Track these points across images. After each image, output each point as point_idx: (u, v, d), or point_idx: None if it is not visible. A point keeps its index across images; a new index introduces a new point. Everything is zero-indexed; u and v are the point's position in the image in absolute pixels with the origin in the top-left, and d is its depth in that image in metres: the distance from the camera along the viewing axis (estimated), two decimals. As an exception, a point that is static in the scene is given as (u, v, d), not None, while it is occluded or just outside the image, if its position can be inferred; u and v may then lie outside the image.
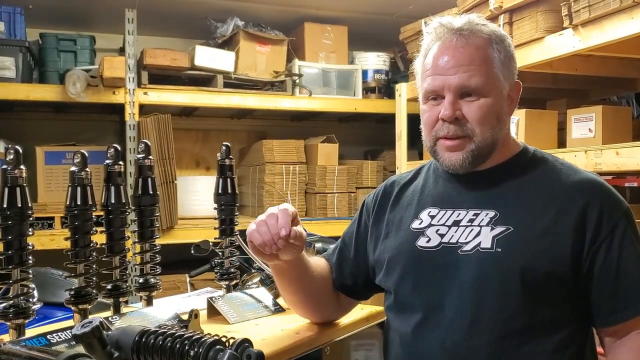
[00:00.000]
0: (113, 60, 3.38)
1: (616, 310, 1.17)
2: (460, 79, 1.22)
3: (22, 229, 1.23)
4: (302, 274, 1.39)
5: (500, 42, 1.27)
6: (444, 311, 1.21)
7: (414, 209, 1.34)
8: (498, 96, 1.25)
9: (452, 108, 1.23)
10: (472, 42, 1.24)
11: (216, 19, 3.88)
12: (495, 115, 1.25)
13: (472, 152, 1.25)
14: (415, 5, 3.67)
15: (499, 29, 1.31)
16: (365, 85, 4.20)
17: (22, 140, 3.61)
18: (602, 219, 1.18)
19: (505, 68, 1.27)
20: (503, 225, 1.21)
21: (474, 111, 1.23)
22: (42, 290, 1.57)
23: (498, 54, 1.26)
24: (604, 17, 2.21)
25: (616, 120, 2.58)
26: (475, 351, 1.17)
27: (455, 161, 1.26)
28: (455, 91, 1.23)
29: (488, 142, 1.25)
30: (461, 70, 1.23)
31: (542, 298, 1.17)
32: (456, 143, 1.25)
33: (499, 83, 1.26)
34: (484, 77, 1.23)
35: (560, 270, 1.17)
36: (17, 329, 1.23)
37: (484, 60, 1.24)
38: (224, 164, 1.67)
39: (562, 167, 1.29)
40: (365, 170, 4.20)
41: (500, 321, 1.16)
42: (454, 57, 1.23)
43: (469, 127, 1.24)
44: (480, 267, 1.19)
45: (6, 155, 1.21)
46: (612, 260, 1.17)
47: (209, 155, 4.41)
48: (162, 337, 0.94)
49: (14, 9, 3.37)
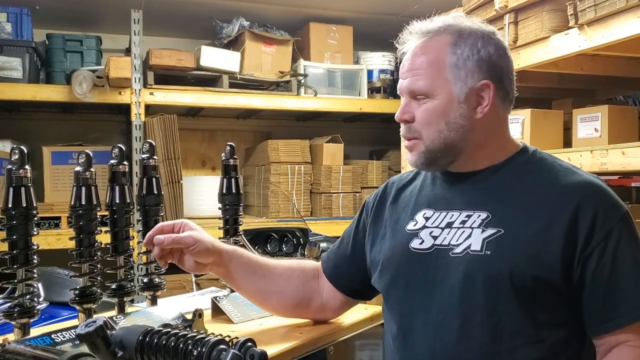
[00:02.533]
0: (119, 61, 3.39)
1: (606, 319, 1.13)
2: (408, 83, 1.27)
3: (27, 229, 1.24)
4: (238, 282, 1.45)
5: (465, 42, 1.24)
6: (434, 314, 1.19)
7: (410, 211, 1.34)
8: (446, 98, 1.23)
9: (402, 110, 1.29)
10: (426, 46, 1.26)
11: (222, 20, 3.89)
12: (442, 117, 1.24)
13: (424, 154, 1.27)
14: (421, 5, 3.66)
15: (475, 27, 1.27)
16: (371, 85, 4.20)
17: (29, 140, 3.64)
18: (596, 224, 1.14)
19: (463, 69, 1.23)
20: (494, 227, 1.19)
21: (420, 114, 1.26)
22: (48, 289, 1.58)
23: (452, 56, 1.24)
24: (609, 16, 2.20)
25: (622, 120, 2.56)
26: (465, 355, 1.15)
27: (411, 161, 1.31)
28: (407, 93, 1.28)
29: (437, 144, 1.25)
30: (411, 74, 1.27)
31: (534, 302, 1.14)
32: (410, 144, 1.29)
33: (450, 85, 1.23)
34: (430, 79, 1.24)
35: (550, 275, 1.14)
36: (22, 328, 1.24)
37: (432, 63, 1.24)
38: (228, 164, 1.67)
39: (561, 168, 1.25)
40: (370, 170, 4.20)
41: (490, 325, 1.14)
42: (409, 61, 1.28)
43: (417, 128, 1.27)
44: (469, 269, 1.17)
45: (11, 155, 1.22)
46: (604, 267, 1.13)
47: (214, 155, 4.42)
48: (165, 336, 0.94)
49: (20, 10, 3.38)
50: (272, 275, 1.47)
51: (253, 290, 1.47)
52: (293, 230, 2.51)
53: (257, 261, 1.47)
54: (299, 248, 2.45)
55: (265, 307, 1.52)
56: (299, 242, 2.46)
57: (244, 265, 1.44)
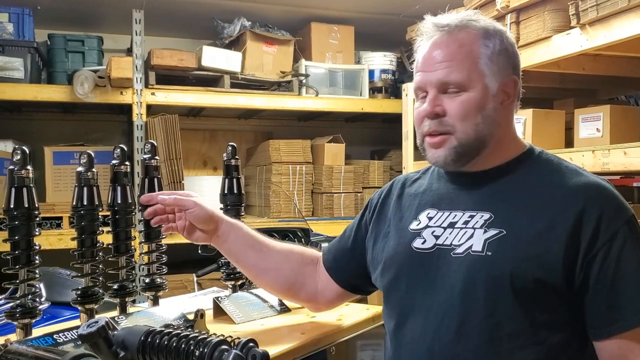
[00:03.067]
0: (121, 61, 3.40)
1: (611, 322, 1.12)
2: (440, 75, 1.22)
3: (29, 229, 1.24)
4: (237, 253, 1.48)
5: (493, 37, 1.25)
6: (433, 315, 1.19)
7: (414, 210, 1.33)
8: (483, 91, 1.22)
9: (432, 104, 1.22)
10: (457, 37, 1.23)
11: (223, 20, 3.89)
12: (478, 110, 1.22)
13: (455, 149, 1.23)
14: (422, 5, 3.66)
15: (495, 25, 1.28)
16: (372, 85, 4.20)
17: (30, 140, 3.65)
18: (601, 227, 1.12)
19: (495, 63, 1.23)
20: (496, 228, 1.18)
21: (455, 106, 1.21)
22: (50, 289, 1.58)
23: (485, 49, 1.23)
24: (611, 16, 2.20)
25: (624, 120, 2.56)
26: (463, 356, 1.14)
27: (438, 158, 1.25)
28: (436, 87, 1.23)
29: (471, 138, 1.22)
30: (442, 66, 1.22)
31: (534, 304, 1.13)
32: (438, 140, 1.23)
33: (484, 78, 1.23)
34: (465, 71, 1.21)
35: (551, 277, 1.12)
36: (24, 328, 1.24)
37: (467, 56, 1.22)
38: (229, 164, 1.67)
39: (567, 170, 1.24)
40: (372, 170, 4.20)
41: (489, 325, 1.13)
42: (437, 53, 1.23)
43: (450, 122, 1.22)
44: (470, 270, 1.16)
45: (13, 155, 1.22)
46: (608, 270, 1.11)
47: (216, 155, 4.43)
48: (167, 337, 0.95)
49: (22, 10, 3.39)
50: (270, 251, 1.49)
51: (250, 263, 1.49)
52: (294, 230, 2.51)
53: (256, 236, 1.50)
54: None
55: (260, 282, 1.53)
56: (300, 242, 2.46)
57: (243, 237, 1.47)
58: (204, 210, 1.42)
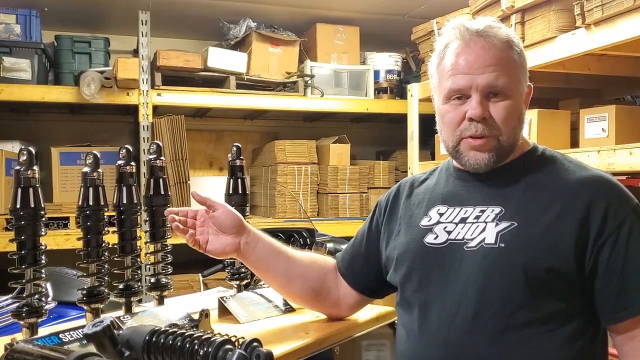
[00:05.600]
0: (127, 62, 3.41)
1: (622, 307, 1.16)
2: (489, 79, 1.24)
3: (35, 229, 1.25)
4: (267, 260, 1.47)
5: (516, 45, 1.30)
6: (448, 306, 1.22)
7: (424, 207, 1.37)
8: (519, 97, 1.29)
9: (482, 108, 1.24)
10: (495, 43, 1.26)
11: (229, 21, 3.90)
12: (517, 115, 1.28)
13: (498, 152, 1.27)
14: (427, 5, 3.66)
15: (512, 32, 1.33)
16: (377, 85, 4.20)
17: (37, 141, 3.67)
18: (608, 215, 1.17)
19: (522, 71, 1.30)
20: (508, 220, 1.22)
21: (500, 111, 1.25)
22: (57, 289, 1.60)
23: (518, 56, 1.29)
24: (617, 15, 2.20)
25: (630, 120, 2.55)
26: (478, 346, 1.17)
27: (480, 160, 1.27)
28: (483, 91, 1.25)
29: (511, 141, 1.28)
30: (489, 70, 1.24)
31: (547, 293, 1.17)
32: (482, 142, 1.26)
33: (520, 85, 1.29)
34: (509, 78, 1.25)
35: (563, 266, 1.16)
36: (30, 327, 1.25)
37: (508, 62, 1.26)
38: (234, 164, 1.68)
39: (570, 164, 1.29)
40: (377, 170, 4.20)
41: (503, 316, 1.16)
42: (481, 57, 1.25)
43: (496, 126, 1.25)
44: (484, 262, 1.20)
45: (20, 156, 1.23)
46: (618, 257, 1.16)
47: (222, 155, 4.43)
48: (172, 336, 0.95)
49: (29, 12, 3.40)
50: (296, 258, 1.50)
51: (279, 272, 1.49)
52: (300, 230, 2.51)
53: (280, 245, 1.51)
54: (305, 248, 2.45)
55: (288, 291, 1.53)
56: (305, 242, 2.46)
57: (270, 245, 1.48)
58: (235, 214, 1.45)
